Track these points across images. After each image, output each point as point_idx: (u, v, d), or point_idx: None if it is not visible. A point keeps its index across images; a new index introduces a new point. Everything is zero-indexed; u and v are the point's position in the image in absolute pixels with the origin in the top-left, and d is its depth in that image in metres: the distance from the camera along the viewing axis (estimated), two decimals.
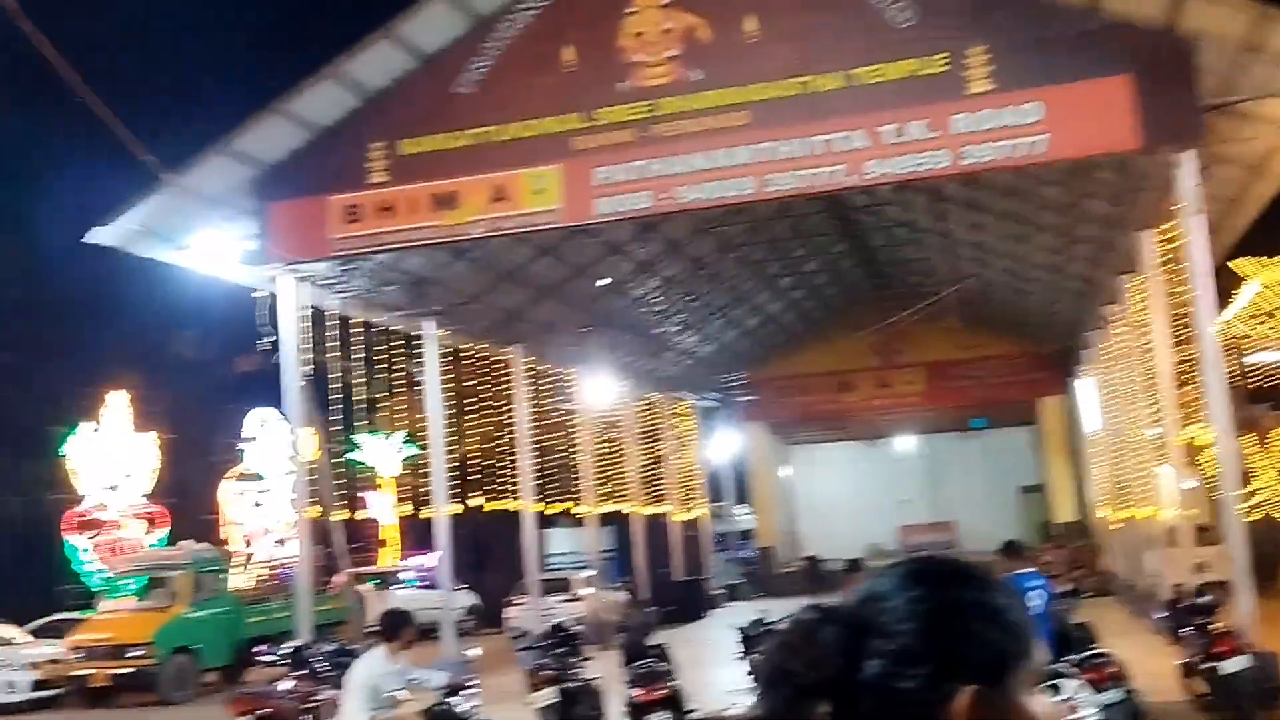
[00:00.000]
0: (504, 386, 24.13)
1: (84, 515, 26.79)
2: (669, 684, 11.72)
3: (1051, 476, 36.43)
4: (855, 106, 14.15)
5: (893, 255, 31.02)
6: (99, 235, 15.87)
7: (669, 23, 15.06)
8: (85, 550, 26.50)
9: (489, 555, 30.90)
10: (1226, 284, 19.83)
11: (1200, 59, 13.00)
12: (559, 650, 13.46)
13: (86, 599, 24.43)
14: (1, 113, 30.72)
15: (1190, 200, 13.46)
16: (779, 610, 15.00)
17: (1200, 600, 12.41)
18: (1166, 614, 13.37)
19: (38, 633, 22.04)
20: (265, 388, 20.77)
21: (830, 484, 43.41)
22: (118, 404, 27.54)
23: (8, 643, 20.35)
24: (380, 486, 34.68)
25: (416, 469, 30.65)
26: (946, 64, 13.87)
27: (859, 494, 43.01)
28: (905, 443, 43.70)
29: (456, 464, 24.32)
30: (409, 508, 31.42)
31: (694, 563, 33.01)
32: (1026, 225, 22.36)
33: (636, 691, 11.47)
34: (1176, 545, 18.57)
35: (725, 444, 38.82)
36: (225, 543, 27.33)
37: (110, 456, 27.17)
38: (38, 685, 19.17)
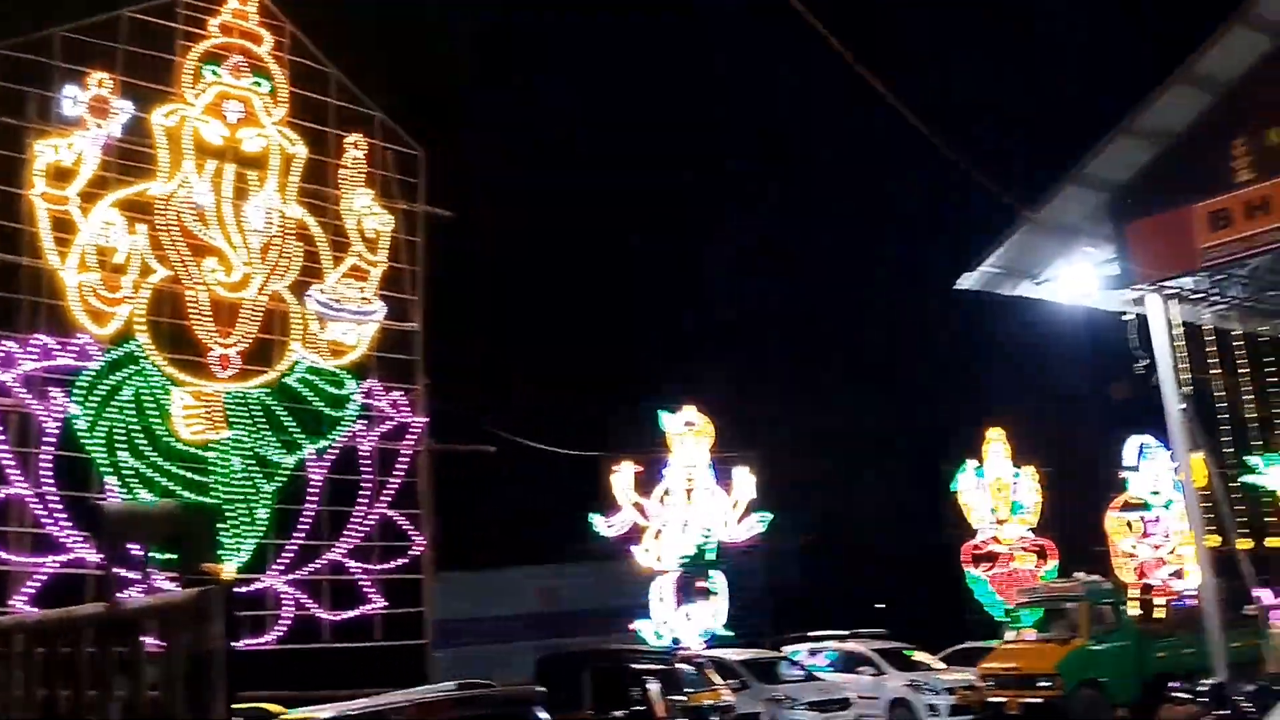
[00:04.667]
0: None
1: (978, 548, 28.18)
2: None
3: None
4: None
5: None
6: (966, 280, 16.74)
7: None
8: (983, 582, 27.83)
9: None
10: None
11: None
12: None
13: (989, 629, 25.52)
14: (873, 175, 34.10)
15: None
16: None
17: None
18: None
19: (948, 660, 23.54)
20: (1143, 413, 20.08)
21: None
22: (997, 440, 28.65)
23: (925, 668, 22.03)
24: None
25: None
26: None
27: None
28: None
29: None
30: None
31: None
32: None
33: None
34: None
35: None
36: (1116, 573, 26.80)
37: (995, 492, 28.32)
38: (954, 710, 20.42)
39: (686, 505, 23.27)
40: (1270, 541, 22.40)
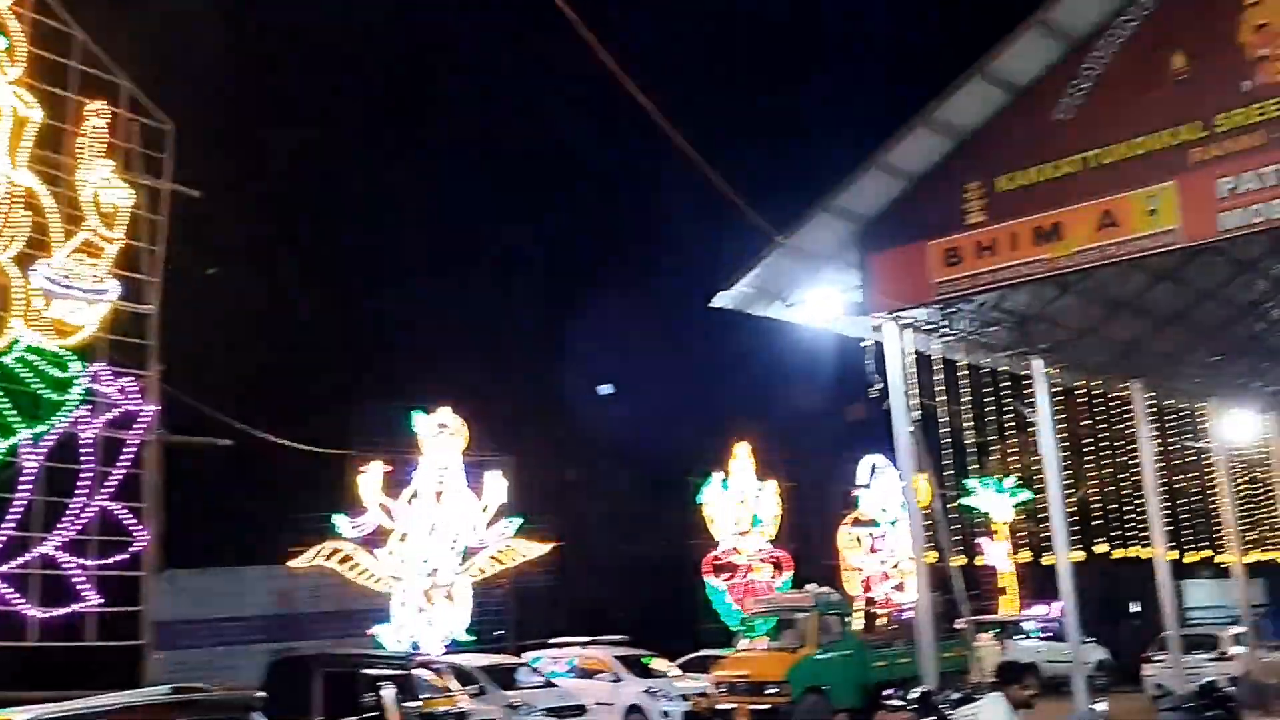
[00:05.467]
0: (1124, 425, 22.55)
1: (719, 559, 29.07)
2: None
3: None
4: None
5: None
6: (721, 299, 17.22)
7: None
8: (722, 592, 28.72)
9: (1119, 607, 28.88)
10: None
11: None
12: (1210, 713, 12.17)
13: (725, 637, 26.35)
14: (634, 191, 34.73)
15: None
16: None
17: None
18: None
19: (685, 667, 24.17)
20: (876, 435, 21.20)
21: None
22: (743, 455, 29.64)
23: (662, 675, 22.53)
24: (995, 533, 33.87)
25: (1032, 514, 29.53)
26: None
27: None
28: None
29: (1076, 508, 23.08)
30: (1027, 554, 30.33)
31: None
32: None
33: None
34: None
35: None
36: (844, 586, 28.20)
37: (738, 504, 29.30)
38: (687, 716, 20.96)
39: (435, 508, 22.98)
40: (976, 560, 24.07)
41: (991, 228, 15.68)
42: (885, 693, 17.08)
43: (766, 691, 19.33)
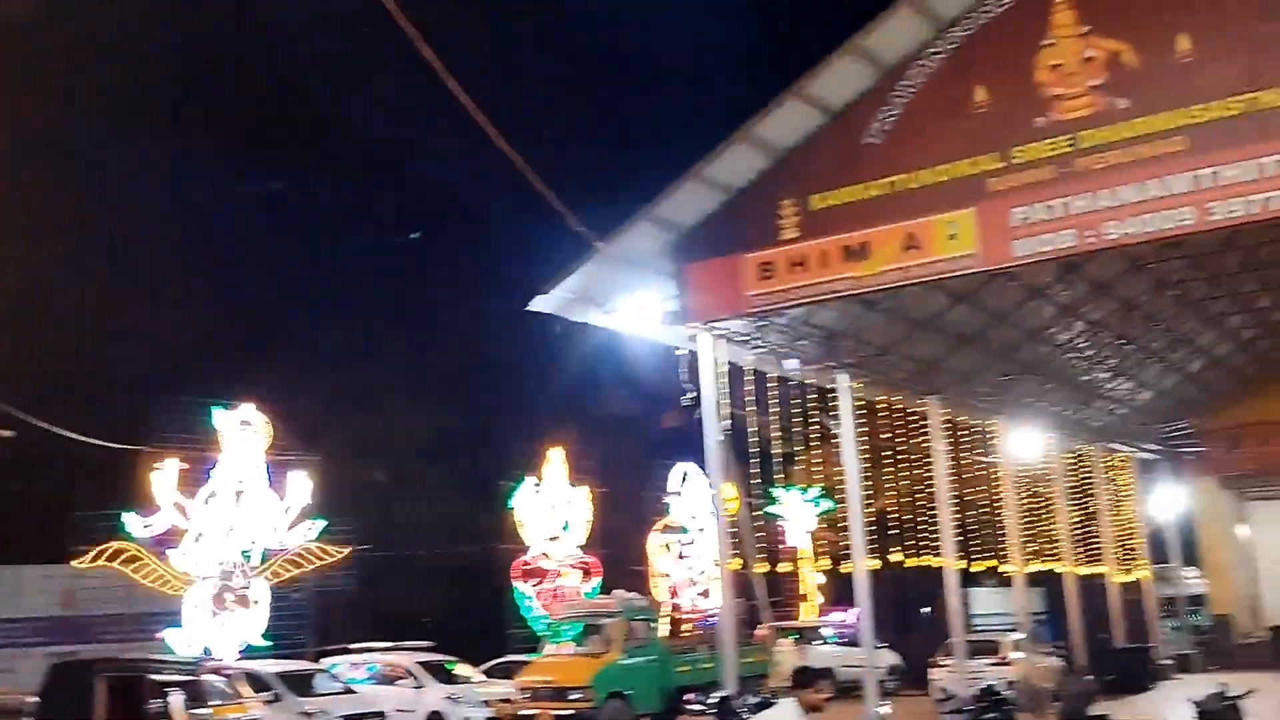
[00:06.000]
0: (921, 439, 23.51)
1: (528, 564, 28.96)
2: None
3: None
4: None
5: None
6: (539, 303, 17.17)
7: (1090, 51, 14.25)
8: (530, 597, 28.61)
9: (911, 614, 30.10)
10: None
11: None
12: (989, 715, 12.79)
13: (532, 643, 26.27)
14: (454, 190, 34.32)
15: None
16: (1241, 684, 13.46)
17: None
18: None
19: (490, 673, 23.97)
20: (688, 443, 21.51)
21: None
22: (557, 460, 29.62)
23: (465, 681, 22.29)
24: (799, 544, 34.81)
25: (834, 523, 30.52)
26: None
27: None
28: None
29: (874, 518, 23.94)
30: (827, 563, 31.30)
31: (1137, 629, 30.39)
32: None
33: None
34: None
35: (1168, 500, 35.56)
36: (652, 592, 28.49)
37: (550, 509, 29.25)
38: None
39: (234, 509, 22.16)
40: (780, 568, 24.71)
41: (804, 244, 16.12)
42: (686, 697, 17.35)
43: (570, 697, 19.34)
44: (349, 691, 19.66)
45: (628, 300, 17.56)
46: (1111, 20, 14.21)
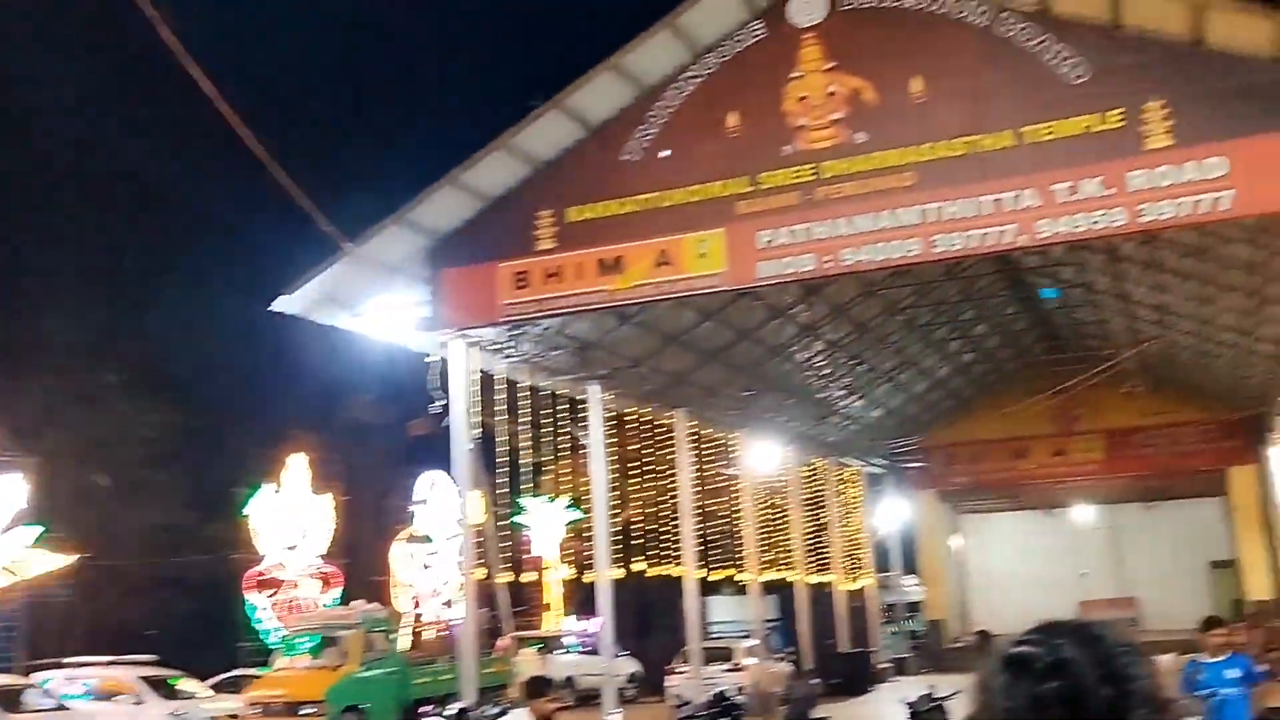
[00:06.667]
0: (667, 451, 24.12)
1: (263, 574, 27.81)
2: None
3: (1244, 551, 34.23)
4: (1026, 165, 13.81)
5: (1068, 318, 29.97)
6: (284, 304, 16.59)
7: (834, 86, 15.04)
8: (263, 608, 27.47)
9: (651, 622, 30.73)
10: None
11: None
12: None
13: (264, 656, 25.25)
14: (191, 185, 32.68)
15: None
16: (948, 685, 14.44)
17: None
18: None
19: (218, 687, 22.89)
20: (436, 451, 21.27)
21: (1004, 555, 41.66)
22: (298, 466, 28.61)
23: (190, 696, 21.20)
24: (543, 558, 34.93)
25: (581, 533, 30.84)
26: (1122, 119, 13.43)
27: (1034, 566, 41.08)
28: (1084, 513, 41.72)
29: (620, 529, 24.36)
30: (572, 572, 31.56)
31: (860, 634, 32.13)
32: (1212, 286, 21.31)
33: None
34: None
35: (893, 512, 37.85)
36: (394, 603, 27.92)
37: (289, 517, 28.20)
38: None
39: None
40: (524, 577, 24.70)
41: (560, 255, 16.26)
42: (422, 710, 17.11)
43: (303, 711, 18.73)
44: (61, 708, 18.35)
45: (378, 304, 17.23)
46: (854, 58, 15.05)
